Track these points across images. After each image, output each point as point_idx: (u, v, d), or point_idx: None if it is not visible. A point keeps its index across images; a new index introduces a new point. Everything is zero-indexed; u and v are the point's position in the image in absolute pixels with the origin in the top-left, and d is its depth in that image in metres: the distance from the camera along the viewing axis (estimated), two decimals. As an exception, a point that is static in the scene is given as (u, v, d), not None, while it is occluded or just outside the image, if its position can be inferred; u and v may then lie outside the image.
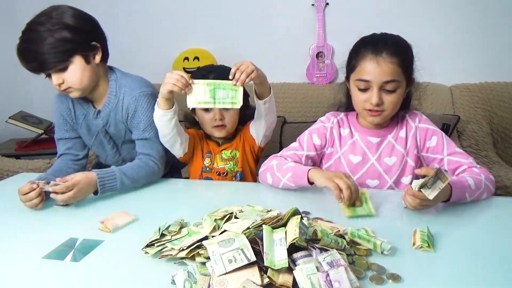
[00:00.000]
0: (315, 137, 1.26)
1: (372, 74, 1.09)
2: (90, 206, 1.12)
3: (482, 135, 2.13)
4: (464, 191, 1.01)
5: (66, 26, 1.17)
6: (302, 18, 2.50)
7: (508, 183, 1.61)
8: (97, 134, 1.41)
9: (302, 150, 1.26)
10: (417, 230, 0.85)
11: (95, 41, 1.26)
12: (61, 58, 1.18)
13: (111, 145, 1.44)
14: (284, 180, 1.15)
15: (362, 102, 1.14)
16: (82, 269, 0.78)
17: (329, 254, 0.70)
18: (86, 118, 1.38)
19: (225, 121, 1.36)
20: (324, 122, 1.28)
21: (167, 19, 2.70)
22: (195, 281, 0.68)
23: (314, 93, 2.45)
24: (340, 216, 0.98)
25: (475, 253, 0.79)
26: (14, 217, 1.06)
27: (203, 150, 1.43)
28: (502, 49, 2.29)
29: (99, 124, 1.37)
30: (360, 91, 1.14)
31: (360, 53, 1.13)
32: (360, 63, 1.12)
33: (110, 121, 1.37)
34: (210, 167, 1.41)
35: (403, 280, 0.70)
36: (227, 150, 1.42)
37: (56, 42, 1.15)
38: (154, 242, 0.82)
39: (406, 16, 2.34)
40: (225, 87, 1.13)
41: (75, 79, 1.22)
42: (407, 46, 1.15)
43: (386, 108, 1.13)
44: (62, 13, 1.18)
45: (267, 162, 1.24)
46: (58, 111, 1.40)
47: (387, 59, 1.08)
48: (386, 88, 1.10)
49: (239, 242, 0.71)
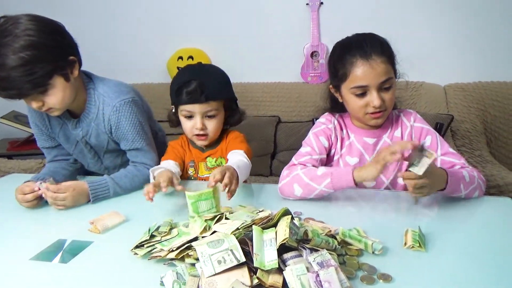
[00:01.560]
0: (323, 139, 1.23)
1: (368, 79, 1.08)
2: (80, 206, 1.11)
3: (475, 134, 2.14)
4: (459, 182, 1.02)
5: (38, 45, 1.02)
6: (296, 18, 2.50)
7: (501, 182, 1.62)
8: (77, 144, 1.34)
9: (316, 153, 1.21)
10: (408, 230, 0.85)
11: (71, 54, 1.13)
12: (40, 83, 1.06)
13: (92, 154, 1.37)
14: (320, 187, 1.07)
15: (362, 107, 1.13)
16: (71, 271, 0.77)
17: (320, 255, 0.69)
18: (64, 128, 1.30)
19: (207, 131, 1.26)
20: (326, 123, 1.26)
21: (161, 18, 2.68)
22: (184, 282, 0.67)
23: (309, 92, 2.45)
24: (332, 216, 0.98)
25: (467, 253, 0.79)
26: (3, 218, 1.05)
27: (184, 161, 1.35)
28: (496, 49, 2.30)
29: (78, 134, 1.29)
30: (358, 97, 1.12)
31: (347, 60, 1.11)
32: (352, 71, 1.10)
33: (91, 131, 1.29)
34: (194, 176, 1.34)
35: (394, 280, 0.70)
36: (212, 158, 1.33)
37: (31, 66, 1.01)
38: (144, 243, 0.82)
39: (400, 15, 2.35)
40: (207, 197, 0.95)
41: (56, 100, 1.12)
42: (386, 42, 1.14)
43: (387, 106, 1.13)
44: (26, 28, 1.01)
45: (289, 173, 1.14)
46: (32, 121, 1.31)
47: (377, 60, 1.08)
48: (384, 87, 1.10)
49: (228, 243, 0.70)
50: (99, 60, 1.46)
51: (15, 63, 0.99)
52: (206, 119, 1.25)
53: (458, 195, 1.04)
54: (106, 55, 1.42)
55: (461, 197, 1.05)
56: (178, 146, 1.35)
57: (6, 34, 1.00)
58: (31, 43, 1.01)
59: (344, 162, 1.23)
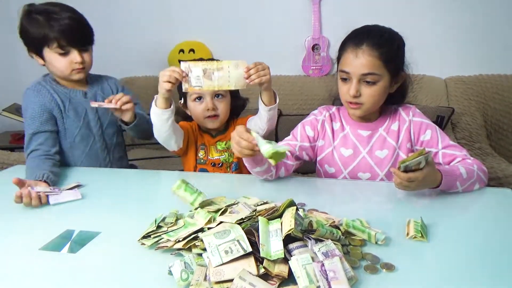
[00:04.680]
0: (308, 128, 1.28)
1: (351, 66, 1.10)
2: (87, 198, 1.12)
3: (476, 127, 2.15)
4: (455, 180, 1.02)
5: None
6: (297, 10, 2.49)
7: (500, 174, 1.63)
8: (85, 115, 1.43)
9: (296, 140, 1.27)
10: (410, 221, 0.86)
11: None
12: (92, 39, 1.37)
13: (98, 127, 1.46)
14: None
15: (344, 94, 1.15)
16: (79, 261, 0.78)
17: (324, 245, 0.70)
18: (72, 102, 1.41)
19: (217, 111, 1.35)
20: (316, 115, 1.30)
21: (162, 11, 2.68)
22: (192, 271, 0.69)
23: (310, 85, 2.45)
24: (336, 207, 0.99)
25: (468, 243, 0.80)
26: (11, 209, 1.06)
27: (196, 143, 1.43)
28: (496, 42, 2.30)
29: (88, 102, 1.41)
30: (343, 81, 1.15)
31: (345, 45, 1.14)
32: (343, 55, 1.13)
33: (98, 98, 1.45)
34: (204, 159, 1.41)
35: (397, 269, 0.71)
36: (222, 142, 1.42)
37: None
38: (151, 234, 0.83)
39: (401, 8, 2.35)
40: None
41: (89, 60, 1.38)
42: (393, 39, 1.13)
43: (365, 101, 1.13)
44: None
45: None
46: (36, 103, 1.36)
47: (366, 51, 1.08)
48: (366, 80, 1.10)
49: (235, 233, 0.71)
50: (100, 52, 1.47)
51: (81, 16, 1.34)
52: (216, 100, 1.33)
53: (455, 191, 1.05)
54: (107, 48, 1.43)
55: (458, 192, 1.05)
56: (189, 127, 1.42)
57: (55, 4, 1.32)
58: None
59: (339, 154, 1.24)
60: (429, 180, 0.99)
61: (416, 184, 0.97)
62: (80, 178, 1.24)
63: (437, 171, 1.00)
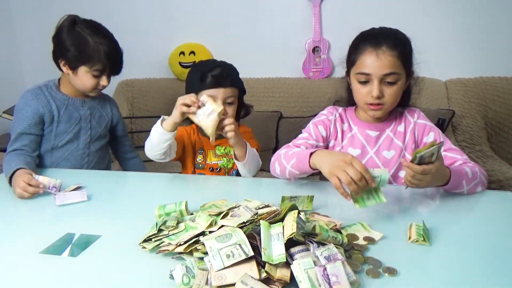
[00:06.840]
0: (321, 128, 1.26)
1: (372, 67, 1.10)
2: (87, 201, 1.12)
3: (476, 130, 2.15)
4: (462, 178, 1.03)
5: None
6: (298, 13, 2.50)
7: (501, 177, 1.63)
8: (78, 122, 1.46)
9: (313, 139, 1.24)
10: (412, 224, 0.86)
11: None
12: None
13: (87, 135, 1.49)
14: (288, 167, 1.10)
15: (363, 96, 1.15)
16: (80, 264, 0.78)
17: (327, 249, 0.70)
18: (68, 108, 1.44)
19: (226, 116, 1.31)
20: (327, 115, 1.28)
21: (163, 13, 2.68)
22: (193, 275, 0.68)
23: (310, 87, 2.46)
24: (336, 211, 0.99)
25: (470, 247, 0.80)
26: (11, 212, 1.06)
27: (195, 147, 1.41)
28: (497, 44, 2.30)
29: (86, 112, 1.47)
30: (361, 84, 1.14)
31: (359, 47, 1.14)
32: (360, 57, 1.13)
33: (95, 112, 1.50)
34: (202, 163, 1.40)
35: (399, 273, 0.71)
36: (221, 146, 1.40)
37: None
38: (152, 237, 0.83)
39: (402, 10, 2.35)
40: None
41: (108, 82, 1.44)
42: (406, 39, 1.15)
43: (387, 101, 1.13)
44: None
45: (277, 151, 1.21)
46: (31, 106, 1.39)
47: (386, 52, 1.09)
48: (387, 81, 1.11)
49: (236, 237, 0.71)
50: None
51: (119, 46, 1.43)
52: (225, 105, 1.29)
53: (460, 191, 1.05)
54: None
55: (463, 193, 1.06)
56: (185, 132, 1.40)
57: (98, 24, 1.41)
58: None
59: None
60: (440, 175, 0.98)
61: (430, 178, 0.94)
62: (80, 181, 1.24)
63: (446, 167, 1.00)
